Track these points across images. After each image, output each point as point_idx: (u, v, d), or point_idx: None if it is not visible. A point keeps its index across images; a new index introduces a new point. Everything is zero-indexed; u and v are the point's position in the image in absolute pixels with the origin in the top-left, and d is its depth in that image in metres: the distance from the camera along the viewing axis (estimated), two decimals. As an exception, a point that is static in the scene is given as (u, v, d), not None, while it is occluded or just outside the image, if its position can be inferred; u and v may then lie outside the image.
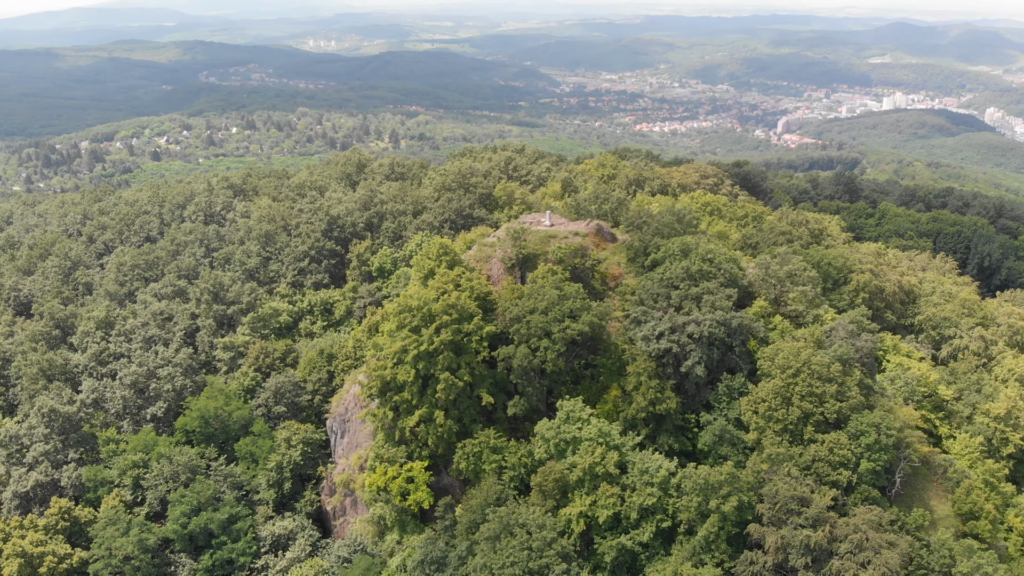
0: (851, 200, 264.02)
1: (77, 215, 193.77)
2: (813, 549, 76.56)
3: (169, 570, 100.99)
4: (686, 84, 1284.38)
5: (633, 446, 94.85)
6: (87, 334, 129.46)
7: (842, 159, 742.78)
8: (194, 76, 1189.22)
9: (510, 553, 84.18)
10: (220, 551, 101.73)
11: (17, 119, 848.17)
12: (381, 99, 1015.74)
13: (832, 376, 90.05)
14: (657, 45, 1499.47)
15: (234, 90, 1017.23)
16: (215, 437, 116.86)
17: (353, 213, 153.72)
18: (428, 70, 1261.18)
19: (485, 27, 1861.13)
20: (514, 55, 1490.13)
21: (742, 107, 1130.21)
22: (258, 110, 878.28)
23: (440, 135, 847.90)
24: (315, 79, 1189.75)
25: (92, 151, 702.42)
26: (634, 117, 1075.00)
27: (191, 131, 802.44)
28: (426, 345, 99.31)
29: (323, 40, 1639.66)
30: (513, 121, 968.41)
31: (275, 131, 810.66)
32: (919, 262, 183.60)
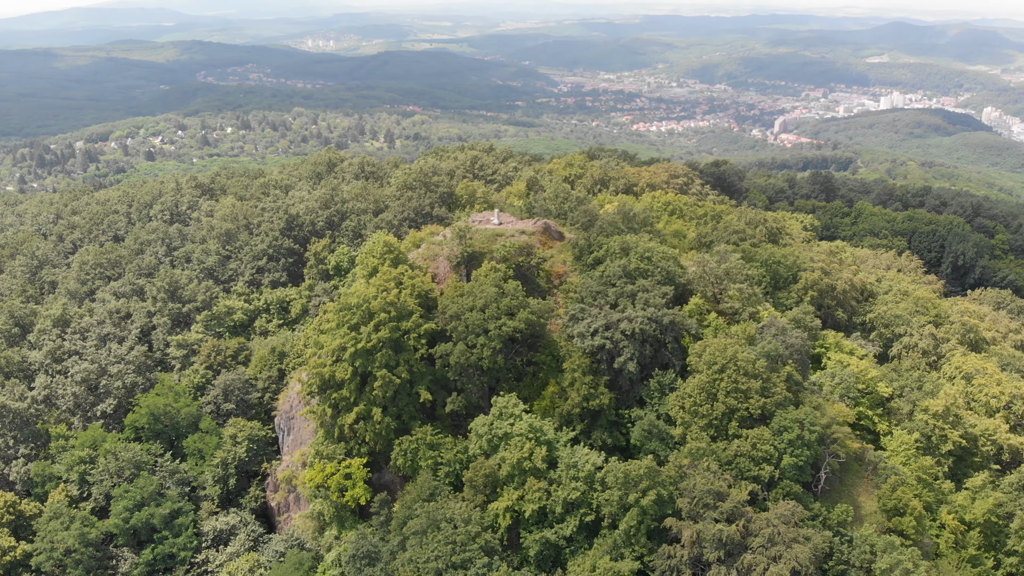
0: (827, 199, 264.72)
1: (50, 215, 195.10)
2: (726, 543, 77.54)
3: (111, 564, 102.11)
4: (684, 84, 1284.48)
5: (567, 441, 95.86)
6: (44, 332, 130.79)
7: (836, 159, 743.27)
8: (192, 76, 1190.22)
9: (435, 547, 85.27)
10: (161, 545, 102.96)
11: (14, 119, 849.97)
12: (378, 99, 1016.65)
13: (757, 372, 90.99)
14: (655, 45, 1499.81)
15: (231, 90, 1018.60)
16: (164, 434, 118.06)
17: (313, 212, 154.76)
18: (426, 70, 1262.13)
19: (484, 27, 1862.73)
20: (512, 55, 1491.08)
21: (739, 107, 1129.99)
22: (254, 110, 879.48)
23: (435, 135, 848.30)
24: (313, 79, 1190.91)
25: (86, 151, 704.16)
26: (631, 117, 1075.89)
27: (186, 131, 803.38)
28: (364, 343, 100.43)
29: (322, 40, 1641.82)
30: (510, 121, 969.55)
31: (270, 131, 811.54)
32: (884, 260, 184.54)
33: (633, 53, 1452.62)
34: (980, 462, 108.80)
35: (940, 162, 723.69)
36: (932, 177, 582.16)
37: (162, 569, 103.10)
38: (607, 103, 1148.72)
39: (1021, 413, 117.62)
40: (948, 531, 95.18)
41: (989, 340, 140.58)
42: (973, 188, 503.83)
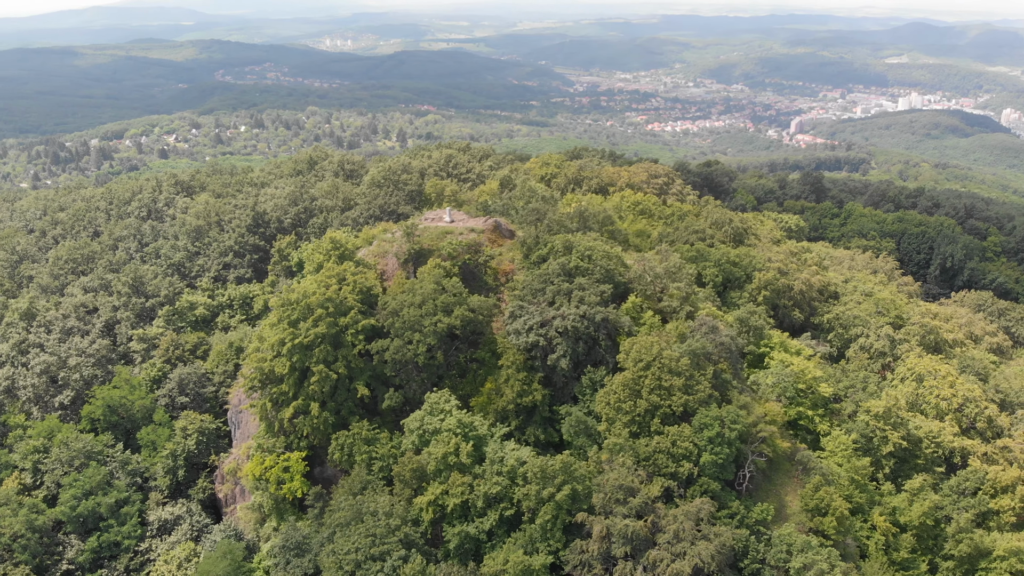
0: (818, 200, 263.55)
1: (37, 210, 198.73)
2: (632, 538, 78.20)
3: (58, 550, 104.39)
4: (700, 84, 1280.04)
5: (500, 437, 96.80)
6: (11, 324, 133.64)
7: (849, 160, 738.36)
8: (210, 75, 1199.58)
9: (355, 539, 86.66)
10: (107, 533, 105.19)
11: (32, 117, 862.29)
12: (393, 98, 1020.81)
13: (680, 370, 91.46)
14: (673, 45, 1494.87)
15: (247, 89, 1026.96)
16: (120, 425, 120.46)
17: (282, 209, 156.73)
18: (442, 69, 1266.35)
19: (501, 27, 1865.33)
20: (529, 54, 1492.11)
21: (756, 107, 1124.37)
22: (268, 109, 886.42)
23: (448, 134, 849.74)
24: (330, 78, 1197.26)
25: (101, 149, 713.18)
26: (646, 116, 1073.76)
27: (200, 129, 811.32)
28: (302, 338, 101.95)
29: (339, 39, 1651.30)
30: (523, 120, 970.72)
31: (283, 130, 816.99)
32: (860, 261, 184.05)
33: (650, 53, 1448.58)
34: (923, 464, 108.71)
35: (955, 164, 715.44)
36: (945, 179, 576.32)
37: (107, 556, 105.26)
38: (622, 103, 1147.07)
39: (973, 416, 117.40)
40: (879, 533, 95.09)
41: (951, 342, 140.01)
42: (985, 190, 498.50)
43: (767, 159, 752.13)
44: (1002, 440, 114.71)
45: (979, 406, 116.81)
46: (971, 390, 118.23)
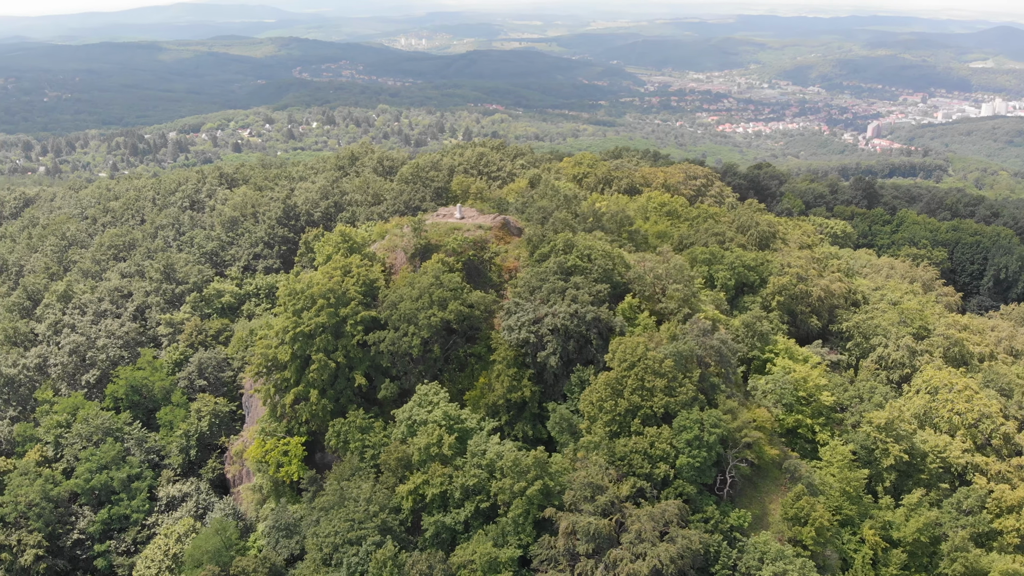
0: (869, 206, 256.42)
1: (94, 199, 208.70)
2: (595, 536, 78.52)
3: (71, 520, 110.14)
4: (775, 85, 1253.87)
5: (489, 431, 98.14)
6: (48, 306, 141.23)
7: (924, 166, 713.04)
8: (288, 72, 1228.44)
9: (335, 523, 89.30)
10: (117, 507, 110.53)
11: (115, 109, 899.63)
12: (463, 97, 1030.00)
13: (663, 371, 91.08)
14: (748, 45, 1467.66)
15: (321, 86, 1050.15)
16: (141, 405, 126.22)
17: (313, 202, 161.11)
18: (513, 69, 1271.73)
19: (574, 26, 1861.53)
20: (601, 54, 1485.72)
21: (832, 110, 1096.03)
22: (340, 106, 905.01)
23: (513, 133, 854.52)
24: (403, 77, 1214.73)
25: (177, 141, 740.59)
26: (717, 117, 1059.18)
27: (273, 124, 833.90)
28: (304, 326, 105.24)
29: (414, 38, 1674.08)
30: (590, 120, 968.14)
31: (353, 127, 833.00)
32: (900, 270, 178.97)
33: (724, 53, 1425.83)
34: (927, 479, 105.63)
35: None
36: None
37: (116, 529, 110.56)
38: (693, 103, 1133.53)
39: (988, 432, 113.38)
40: (867, 547, 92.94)
41: (979, 355, 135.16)
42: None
43: (838, 163, 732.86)
44: (1019, 459, 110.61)
45: (995, 422, 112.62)
46: (988, 406, 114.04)
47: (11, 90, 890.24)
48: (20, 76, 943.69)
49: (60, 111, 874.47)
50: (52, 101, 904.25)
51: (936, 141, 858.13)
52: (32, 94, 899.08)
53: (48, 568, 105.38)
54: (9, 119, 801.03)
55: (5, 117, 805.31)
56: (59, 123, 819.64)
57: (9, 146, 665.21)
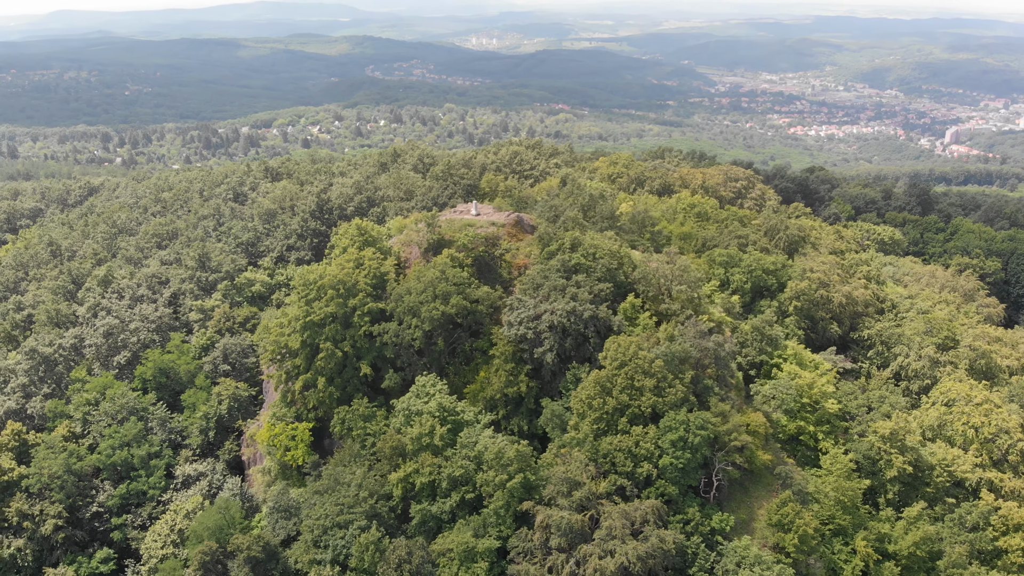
0: (923, 213, 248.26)
1: (147, 189, 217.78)
2: (567, 531, 79.31)
3: (92, 493, 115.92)
4: (851, 87, 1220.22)
5: (485, 425, 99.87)
6: (89, 290, 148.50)
7: (1002, 174, 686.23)
8: (360, 70, 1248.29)
9: (327, 507, 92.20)
10: (136, 482, 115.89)
11: (193, 104, 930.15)
12: (529, 97, 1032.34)
13: (653, 371, 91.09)
14: (824, 46, 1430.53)
15: (391, 85, 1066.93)
16: (168, 387, 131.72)
17: (346, 197, 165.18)
18: (581, 68, 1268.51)
19: (646, 25, 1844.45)
20: (672, 54, 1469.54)
21: (909, 114, 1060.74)
22: (408, 104, 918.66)
23: (576, 133, 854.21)
24: (472, 76, 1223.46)
25: (249, 136, 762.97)
26: (789, 119, 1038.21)
27: (342, 122, 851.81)
28: (314, 316, 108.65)
29: (485, 38, 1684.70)
30: (657, 120, 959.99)
31: (419, 125, 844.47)
32: (941, 278, 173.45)
33: (799, 54, 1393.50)
34: (932, 493, 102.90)
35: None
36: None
37: (134, 504, 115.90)
38: (764, 104, 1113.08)
39: (1005, 448, 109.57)
40: (858, 558, 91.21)
41: (1008, 369, 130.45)
42: None
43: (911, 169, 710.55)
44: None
45: (1012, 437, 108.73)
46: (1007, 420, 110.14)
47: (94, 83, 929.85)
48: (103, 70, 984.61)
49: (140, 104, 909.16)
50: (133, 95, 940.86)
51: (1017, 149, 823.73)
52: (114, 87, 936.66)
53: (67, 538, 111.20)
54: (91, 111, 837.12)
55: (87, 109, 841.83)
56: (138, 116, 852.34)
57: (89, 137, 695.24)
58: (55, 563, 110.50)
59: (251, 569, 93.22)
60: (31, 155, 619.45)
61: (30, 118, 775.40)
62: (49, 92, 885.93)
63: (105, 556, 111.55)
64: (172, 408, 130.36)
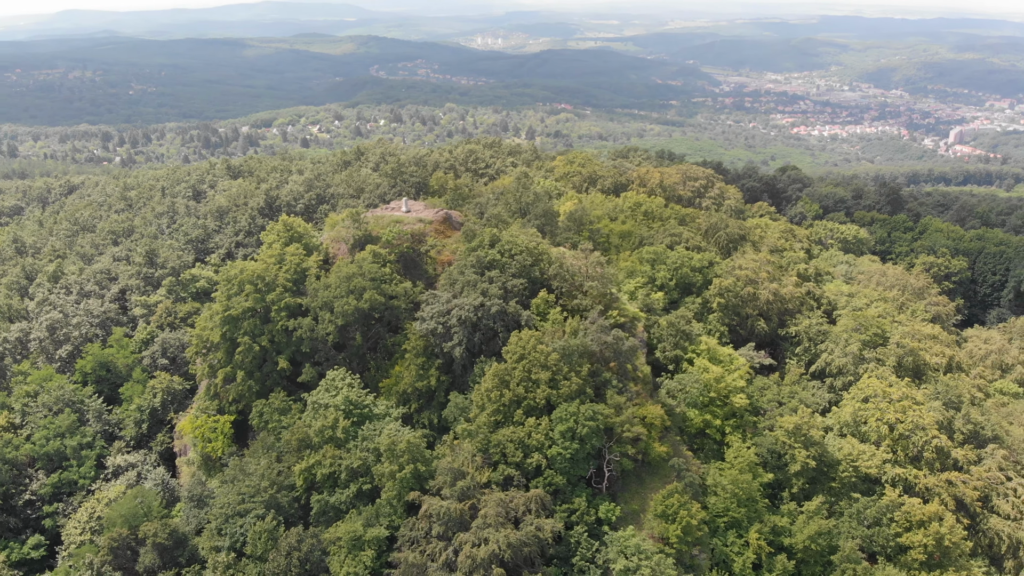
0: (892, 212, 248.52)
1: (116, 188, 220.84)
2: (446, 519, 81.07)
3: (26, 482, 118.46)
4: (856, 87, 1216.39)
5: (397, 418, 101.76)
6: (39, 285, 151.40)
7: (1001, 174, 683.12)
8: (365, 70, 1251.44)
9: (229, 496, 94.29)
10: (67, 472, 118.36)
11: (195, 103, 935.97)
12: (532, 96, 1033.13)
13: (549, 364, 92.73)
14: (829, 46, 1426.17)
15: (394, 84, 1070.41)
16: (107, 380, 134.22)
17: (296, 194, 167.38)
18: (585, 68, 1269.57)
19: (651, 25, 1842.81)
20: (677, 54, 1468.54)
21: (913, 114, 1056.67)
22: (409, 104, 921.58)
23: (576, 132, 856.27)
24: (476, 76, 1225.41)
25: (248, 136, 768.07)
26: (792, 119, 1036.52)
27: (342, 121, 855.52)
28: (233, 310, 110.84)
29: (491, 38, 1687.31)
30: (659, 120, 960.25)
31: (419, 125, 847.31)
32: (891, 276, 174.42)
33: (804, 54, 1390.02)
34: (837, 488, 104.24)
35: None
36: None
37: (66, 492, 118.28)
38: (767, 104, 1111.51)
39: (920, 445, 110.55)
40: (751, 551, 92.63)
41: (936, 367, 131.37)
42: None
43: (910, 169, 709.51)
44: (949, 473, 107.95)
45: (928, 435, 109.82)
46: (923, 417, 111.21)
47: (98, 82, 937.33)
48: (108, 69, 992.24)
49: (144, 104, 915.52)
50: (137, 94, 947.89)
51: (1021, 149, 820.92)
52: (118, 87, 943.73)
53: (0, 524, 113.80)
54: (94, 110, 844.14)
55: (91, 108, 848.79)
56: (141, 115, 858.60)
57: (89, 136, 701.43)
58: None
59: (158, 555, 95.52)
60: (31, 154, 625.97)
61: (33, 117, 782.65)
62: (53, 91, 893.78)
63: (36, 543, 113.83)
64: (112, 401, 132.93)
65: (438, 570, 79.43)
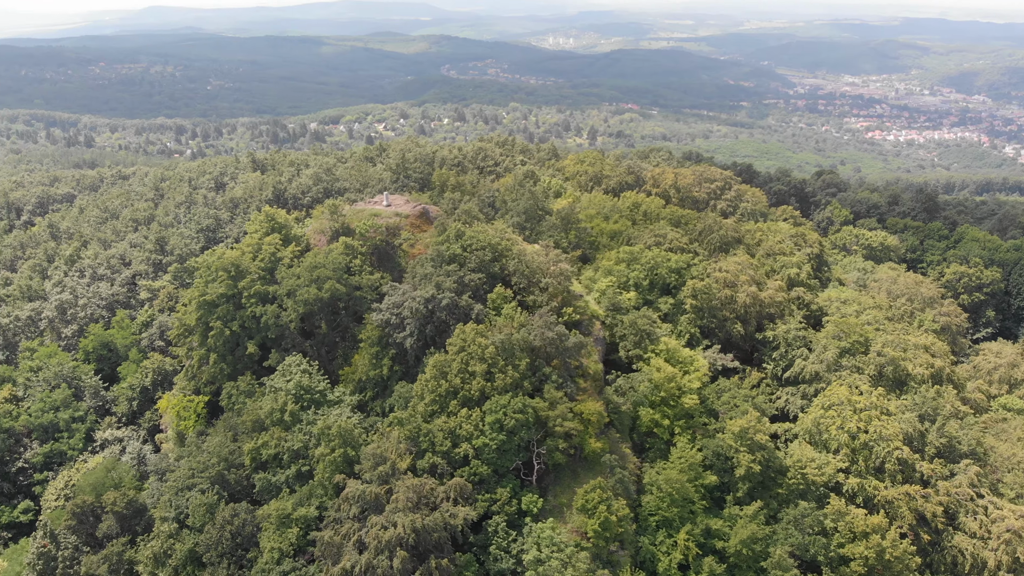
0: (928, 219, 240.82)
1: (152, 177, 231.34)
2: (360, 501, 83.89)
3: (20, 450, 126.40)
4: (936, 92, 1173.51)
5: (351, 405, 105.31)
6: (56, 267, 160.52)
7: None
8: (436, 69, 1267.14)
9: (182, 471, 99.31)
10: (57, 443, 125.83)
11: (269, 99, 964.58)
12: (599, 96, 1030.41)
13: (486, 357, 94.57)
14: (911, 49, 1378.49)
15: (462, 84, 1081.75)
16: (107, 359, 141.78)
17: (305, 187, 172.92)
18: (656, 68, 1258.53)
19: (727, 26, 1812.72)
20: (751, 55, 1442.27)
21: (995, 120, 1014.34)
22: (474, 103, 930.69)
23: (640, 133, 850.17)
24: (544, 75, 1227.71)
25: (316, 132, 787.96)
26: (867, 123, 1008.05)
27: (407, 120, 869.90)
28: (207, 296, 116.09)
29: (562, 37, 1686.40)
30: (728, 121, 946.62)
31: (482, 124, 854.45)
32: (902, 284, 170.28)
33: (883, 56, 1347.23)
34: (783, 494, 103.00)
35: None
36: None
37: (56, 463, 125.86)
38: (842, 107, 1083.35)
39: (883, 455, 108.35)
40: (678, 551, 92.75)
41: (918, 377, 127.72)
42: None
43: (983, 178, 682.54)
44: (908, 487, 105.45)
45: (890, 446, 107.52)
46: (886, 428, 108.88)
47: (179, 77, 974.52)
48: (188, 65, 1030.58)
49: (220, 99, 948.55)
50: (215, 89, 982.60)
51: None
52: (197, 82, 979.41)
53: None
54: (172, 104, 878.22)
55: (169, 103, 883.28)
56: (217, 110, 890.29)
57: (164, 129, 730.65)
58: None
59: (117, 522, 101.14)
60: (106, 145, 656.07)
61: (113, 110, 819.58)
62: (134, 85, 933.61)
63: (26, 507, 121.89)
64: (112, 379, 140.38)
65: (351, 550, 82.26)
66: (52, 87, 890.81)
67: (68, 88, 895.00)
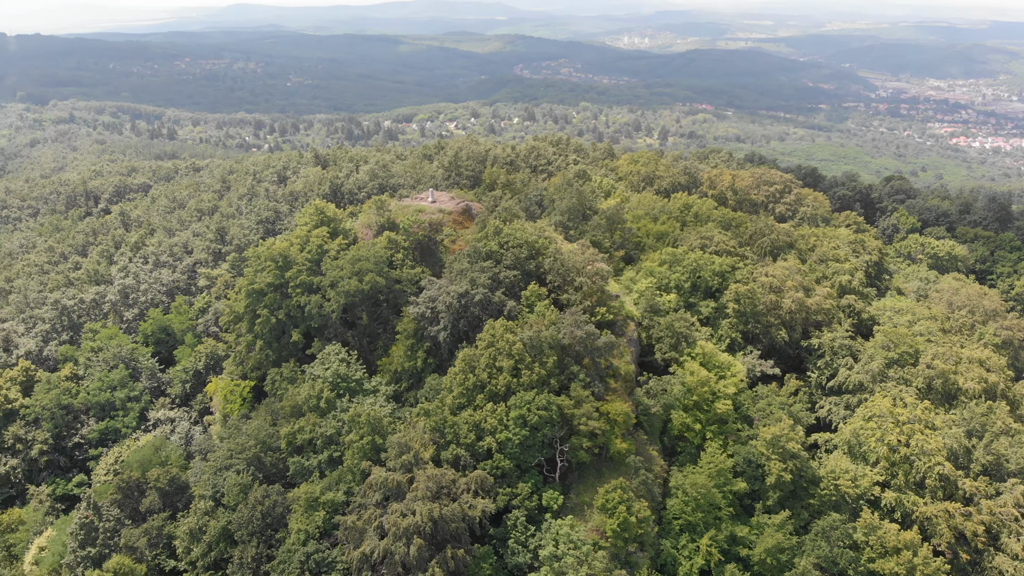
0: (1000, 229, 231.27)
1: (224, 169, 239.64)
2: (382, 488, 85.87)
3: (77, 426, 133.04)
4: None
5: (386, 395, 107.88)
6: (122, 254, 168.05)
7: None
8: (510, 68, 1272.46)
9: (222, 452, 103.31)
10: (113, 421, 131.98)
11: (346, 96, 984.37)
12: (672, 96, 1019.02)
13: (513, 353, 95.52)
14: (1000, 53, 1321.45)
15: (534, 83, 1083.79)
16: (165, 342, 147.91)
17: (361, 182, 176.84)
18: (732, 69, 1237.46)
19: (807, 26, 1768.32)
20: (832, 56, 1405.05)
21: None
22: (545, 102, 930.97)
23: (712, 134, 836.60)
24: (617, 75, 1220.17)
25: (389, 129, 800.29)
26: (951, 129, 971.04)
27: (478, 119, 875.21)
28: (256, 285, 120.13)
29: (637, 37, 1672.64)
30: (804, 124, 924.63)
31: (551, 123, 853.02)
32: (963, 295, 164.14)
33: (970, 60, 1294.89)
34: (815, 505, 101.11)
35: None
36: None
37: (111, 439, 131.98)
38: (925, 112, 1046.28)
39: (924, 470, 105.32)
40: (700, 557, 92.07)
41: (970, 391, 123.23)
42: None
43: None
44: (949, 503, 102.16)
45: (931, 461, 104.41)
46: (928, 443, 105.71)
47: (259, 74, 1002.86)
48: (269, 61, 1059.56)
49: (299, 95, 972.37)
50: (294, 86, 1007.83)
51: None
52: (277, 78, 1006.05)
53: (49, 462, 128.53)
54: (252, 99, 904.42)
55: (250, 98, 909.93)
56: (295, 106, 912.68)
57: (244, 124, 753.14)
58: (39, 483, 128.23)
59: (159, 498, 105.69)
60: (188, 138, 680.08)
61: (196, 104, 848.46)
62: (217, 81, 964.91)
63: (80, 481, 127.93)
64: (169, 362, 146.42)
65: (372, 535, 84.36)
66: (139, 80, 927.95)
67: (154, 82, 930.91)
